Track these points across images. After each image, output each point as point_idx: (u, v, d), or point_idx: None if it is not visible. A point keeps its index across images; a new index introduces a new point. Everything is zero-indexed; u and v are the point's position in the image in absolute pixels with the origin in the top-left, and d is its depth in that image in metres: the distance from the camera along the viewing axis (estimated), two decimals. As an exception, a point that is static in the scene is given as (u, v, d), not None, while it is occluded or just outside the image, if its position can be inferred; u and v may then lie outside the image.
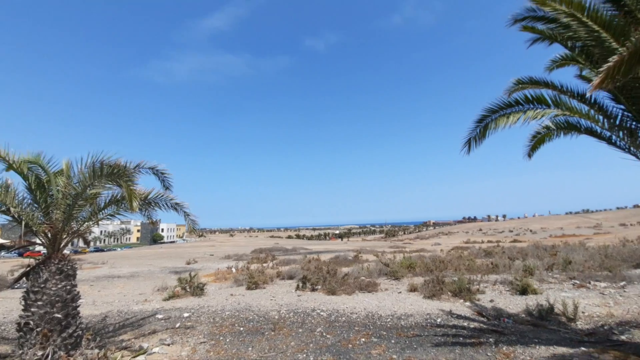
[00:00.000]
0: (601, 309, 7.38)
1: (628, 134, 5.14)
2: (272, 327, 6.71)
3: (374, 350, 5.31)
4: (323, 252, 29.75)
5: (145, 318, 8.05)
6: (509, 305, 7.97)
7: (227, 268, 17.82)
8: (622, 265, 11.89)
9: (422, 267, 13.72)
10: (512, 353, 4.96)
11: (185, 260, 26.71)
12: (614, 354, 4.70)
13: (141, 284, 14.34)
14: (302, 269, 14.44)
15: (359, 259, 21.62)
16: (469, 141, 6.09)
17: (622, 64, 3.28)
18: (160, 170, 5.66)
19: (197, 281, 11.21)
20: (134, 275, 17.53)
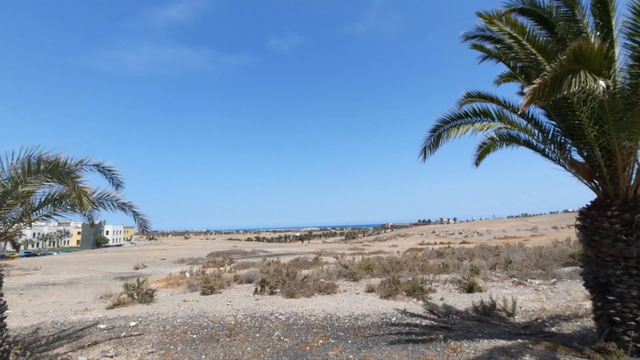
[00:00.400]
0: (535, 304, 8.18)
1: (558, 147, 5.79)
2: (227, 333, 6.52)
3: (331, 352, 5.39)
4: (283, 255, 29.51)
5: (85, 329, 7.40)
6: (458, 303, 8.54)
7: (180, 273, 16.98)
8: (553, 264, 13.30)
9: (379, 269, 14.18)
10: (459, 347, 5.32)
11: (133, 265, 24.95)
12: (545, 345, 5.25)
13: (81, 291, 13.13)
14: (261, 272, 14.20)
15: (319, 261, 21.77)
16: (424, 149, 6.48)
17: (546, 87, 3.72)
18: (107, 167, 5.25)
19: (146, 287, 10.54)
20: (72, 282, 15.99)
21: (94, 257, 41.27)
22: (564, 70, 3.62)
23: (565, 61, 3.60)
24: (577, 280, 10.38)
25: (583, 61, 3.60)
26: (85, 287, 14.44)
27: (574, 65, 3.60)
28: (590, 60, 3.66)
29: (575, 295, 8.83)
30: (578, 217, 5.49)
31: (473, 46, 6.25)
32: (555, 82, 3.64)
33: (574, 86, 3.61)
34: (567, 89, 3.64)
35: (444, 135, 6.04)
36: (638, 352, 4.34)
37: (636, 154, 4.96)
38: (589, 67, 3.65)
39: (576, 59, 3.59)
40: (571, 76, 3.63)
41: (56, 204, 5.24)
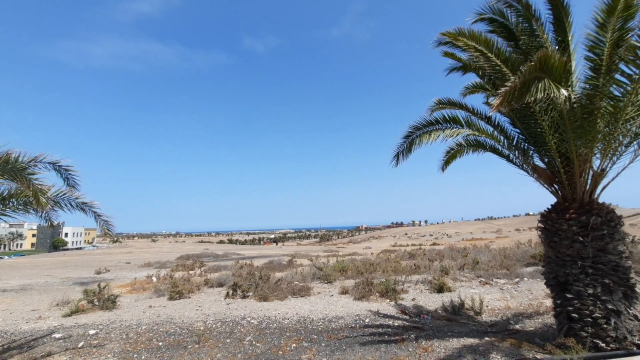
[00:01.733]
0: (501, 302, 8.56)
1: (522, 153, 6.11)
2: (196, 340, 6.27)
3: (305, 355, 5.32)
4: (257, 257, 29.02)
5: (38, 339, 6.84)
6: (428, 303, 8.76)
7: (146, 277, 16.20)
8: (516, 265, 14.02)
9: (353, 270, 14.29)
10: (430, 347, 5.44)
11: (94, 269, 23.50)
12: (510, 342, 5.48)
13: (34, 298, 12.16)
14: (234, 275, 13.85)
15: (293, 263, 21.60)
16: (397, 155, 6.62)
17: (515, 90, 3.91)
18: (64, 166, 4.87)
19: (109, 292, 9.94)
20: (25, 289, 14.78)
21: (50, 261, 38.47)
22: (531, 77, 3.82)
23: (532, 68, 3.80)
24: (538, 279, 10.99)
25: (547, 70, 3.82)
26: (39, 293, 13.39)
27: (539, 74, 3.81)
28: (552, 70, 3.89)
29: (536, 293, 9.33)
30: (540, 219, 5.81)
31: (444, 54, 6.46)
32: (523, 87, 3.83)
33: (539, 92, 3.82)
34: (534, 94, 3.84)
35: (417, 142, 6.20)
36: (595, 347, 4.63)
37: (591, 160, 5.33)
38: (551, 77, 3.88)
39: (541, 68, 3.80)
40: (537, 82, 3.84)
41: (6, 203, 4.79)
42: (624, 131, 5.05)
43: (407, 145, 6.37)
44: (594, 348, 4.64)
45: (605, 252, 4.91)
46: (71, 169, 4.94)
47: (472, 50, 5.11)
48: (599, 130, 4.86)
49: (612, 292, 4.78)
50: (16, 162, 3.98)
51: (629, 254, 5.03)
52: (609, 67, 4.77)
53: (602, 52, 4.78)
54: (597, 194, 5.44)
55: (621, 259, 4.90)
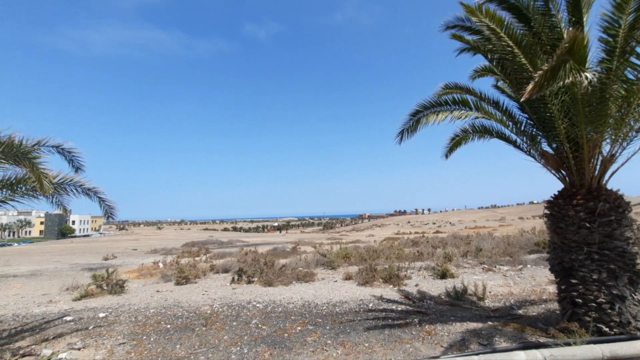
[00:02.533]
0: (504, 288, 8.61)
1: (530, 139, 6.02)
2: (203, 323, 6.40)
3: (309, 338, 5.41)
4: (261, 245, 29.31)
5: (50, 321, 7.01)
6: (431, 289, 8.84)
7: (153, 263, 16.45)
8: (520, 252, 14.04)
9: (357, 257, 14.40)
10: (433, 330, 5.51)
11: (102, 255, 23.90)
12: (513, 326, 5.53)
13: (45, 283, 12.43)
14: (238, 261, 14.02)
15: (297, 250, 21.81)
16: (402, 132, 6.52)
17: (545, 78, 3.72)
18: (67, 149, 4.87)
19: (117, 278, 10.12)
20: (35, 274, 15.10)
21: (59, 247, 39.19)
22: (560, 60, 3.63)
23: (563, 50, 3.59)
24: (541, 266, 11.01)
25: (573, 52, 3.63)
26: (49, 278, 13.68)
27: (567, 56, 3.62)
28: (577, 51, 3.71)
29: (540, 280, 9.36)
30: (546, 205, 5.77)
31: (452, 36, 6.29)
32: (554, 71, 3.64)
33: (567, 77, 3.65)
34: (562, 78, 3.67)
35: (423, 121, 6.10)
36: (599, 332, 4.66)
37: (601, 146, 5.24)
38: (575, 59, 3.71)
39: (569, 50, 3.59)
40: (565, 65, 3.65)
41: (13, 188, 4.83)
42: (635, 116, 4.94)
43: (413, 124, 6.27)
44: (597, 332, 4.67)
45: (612, 238, 4.88)
46: (75, 152, 4.95)
47: (485, 27, 4.95)
48: (610, 115, 4.76)
49: (617, 278, 4.77)
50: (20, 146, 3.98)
51: (635, 240, 4.99)
52: (623, 50, 4.63)
53: (617, 33, 4.62)
54: (606, 180, 5.37)
55: (628, 245, 4.87)
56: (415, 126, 6.27)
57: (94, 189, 5.34)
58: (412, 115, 6.27)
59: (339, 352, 4.82)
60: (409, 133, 6.45)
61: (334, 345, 5.06)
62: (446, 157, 8.00)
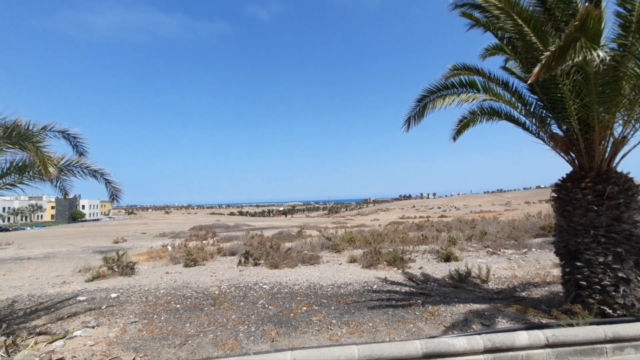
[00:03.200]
0: (508, 271, 8.65)
1: (539, 120, 5.88)
2: (212, 303, 6.57)
3: (315, 317, 5.54)
4: (267, 228, 29.67)
5: (64, 301, 7.26)
6: (435, 271, 8.92)
7: (162, 246, 16.79)
8: (525, 236, 14.02)
9: (361, 241, 14.52)
10: (436, 311, 5.59)
11: (112, 239, 24.44)
12: (516, 308, 5.58)
13: (58, 265, 12.79)
14: (245, 244, 14.25)
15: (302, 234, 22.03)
16: (408, 119, 6.41)
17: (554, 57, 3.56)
18: (72, 134, 4.90)
19: (127, 260, 10.37)
20: (48, 257, 15.54)
21: (70, 231, 40.13)
22: (570, 39, 3.46)
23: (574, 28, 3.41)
24: (546, 250, 11.00)
25: (584, 29, 3.47)
26: (62, 261, 14.08)
27: (578, 34, 3.45)
28: (589, 28, 3.54)
29: (544, 263, 9.38)
30: (554, 188, 5.69)
31: (462, 14, 6.06)
32: (563, 50, 3.49)
33: (577, 55, 3.50)
34: (572, 57, 3.52)
35: (430, 106, 5.99)
36: (602, 314, 4.68)
37: (613, 127, 5.11)
38: (587, 36, 3.55)
39: (581, 27, 3.42)
40: (575, 43, 3.49)
41: (21, 172, 4.89)
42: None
43: (420, 110, 6.16)
44: (601, 314, 4.69)
45: (619, 221, 4.83)
46: (79, 137, 4.98)
47: (493, 7, 4.76)
48: (624, 95, 4.60)
49: (623, 261, 4.75)
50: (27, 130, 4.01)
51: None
52: (639, 24, 4.42)
53: (634, 7, 4.41)
54: (616, 163, 5.26)
55: (636, 228, 4.82)
56: (422, 112, 6.15)
57: (100, 171, 5.40)
58: (418, 101, 6.15)
59: (344, 331, 4.93)
60: (415, 120, 6.35)
61: (339, 325, 5.17)
62: (454, 139, 7.88)
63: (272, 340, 4.68)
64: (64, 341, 4.90)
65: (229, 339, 4.77)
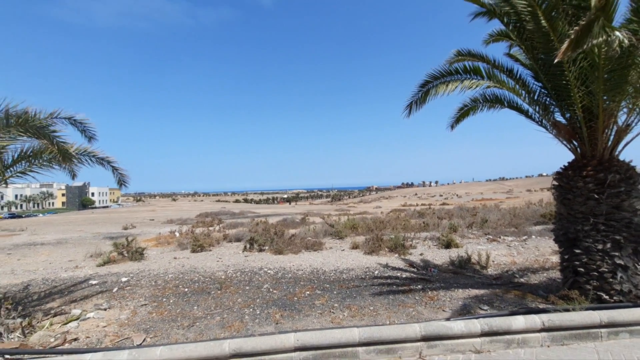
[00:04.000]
0: (507, 258, 8.69)
1: (543, 108, 5.78)
2: (218, 287, 6.70)
3: (317, 301, 5.64)
4: (271, 216, 29.90)
5: (77, 284, 7.45)
6: (436, 258, 8.98)
7: (169, 232, 17.02)
8: (525, 223, 14.00)
9: (364, 228, 14.60)
10: (436, 296, 5.66)
11: (121, 225, 24.80)
12: (515, 293, 5.64)
13: (70, 250, 13.07)
14: (250, 231, 14.40)
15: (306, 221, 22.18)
16: (410, 104, 6.33)
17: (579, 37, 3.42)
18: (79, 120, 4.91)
19: (136, 245, 10.56)
20: (61, 242, 15.87)
21: (81, 218, 40.77)
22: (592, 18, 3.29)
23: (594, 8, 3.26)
24: (546, 237, 11.00)
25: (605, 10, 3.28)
26: (74, 246, 14.36)
27: (599, 13, 3.29)
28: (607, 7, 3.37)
29: (543, 250, 9.40)
30: (555, 177, 5.65)
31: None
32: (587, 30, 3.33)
33: (599, 36, 3.33)
34: (596, 36, 3.35)
35: (433, 92, 5.90)
36: (599, 299, 4.71)
37: (617, 115, 5.01)
38: (607, 17, 3.38)
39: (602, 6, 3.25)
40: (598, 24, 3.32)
41: (31, 160, 4.94)
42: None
43: (422, 95, 6.07)
44: (597, 300, 4.72)
45: (619, 209, 4.80)
46: (86, 122, 5.00)
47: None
48: (630, 83, 4.49)
49: (622, 248, 4.74)
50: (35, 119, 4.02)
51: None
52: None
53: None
54: (619, 151, 5.19)
55: (635, 216, 4.79)
56: (424, 98, 6.06)
57: (107, 158, 5.45)
58: (421, 87, 6.05)
59: (345, 314, 5.02)
60: (417, 105, 6.26)
61: (341, 308, 5.27)
62: (452, 127, 7.77)
63: (277, 323, 4.79)
64: (78, 322, 5.06)
65: (235, 321, 4.89)
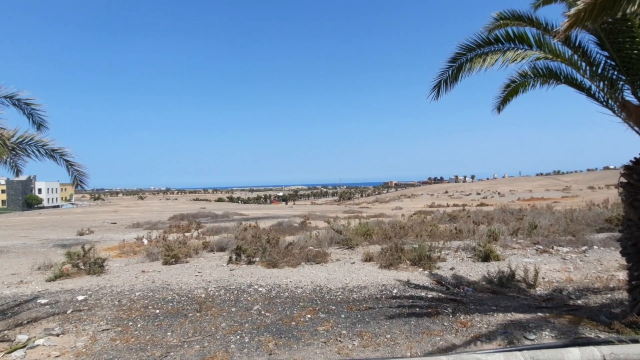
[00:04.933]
0: (561, 274, 8.71)
1: (609, 85, 5.75)
2: (197, 308, 6.81)
3: (321, 327, 5.72)
4: (263, 218, 30.09)
5: (22, 304, 7.60)
6: (470, 273, 9.03)
7: (136, 239, 17.23)
8: (585, 230, 13.97)
9: (379, 234, 14.67)
10: (469, 322, 5.71)
11: (76, 230, 25.14)
12: (569, 318, 5.67)
13: (13, 261, 13.31)
14: (236, 238, 14.55)
15: (306, 225, 22.33)
16: (438, 84, 6.32)
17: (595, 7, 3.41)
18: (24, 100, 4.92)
19: (95, 256, 10.72)
20: (1, 251, 16.15)
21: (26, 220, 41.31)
22: None
23: None
24: (611, 248, 10.98)
25: None
26: (18, 256, 14.63)
27: None
28: None
29: (607, 264, 9.40)
30: (622, 172, 5.63)
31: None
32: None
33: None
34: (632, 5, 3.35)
35: (466, 67, 5.89)
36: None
37: None
38: None
39: None
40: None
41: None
42: None
43: (453, 72, 6.05)
44: (674, 328, 4.73)
45: None
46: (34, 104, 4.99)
47: None
48: None
49: None
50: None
51: None
52: None
53: None
54: None
55: None
56: (456, 75, 6.04)
57: (60, 150, 5.48)
58: (451, 61, 6.03)
59: (356, 344, 5.09)
60: (447, 85, 6.25)
61: (350, 336, 5.34)
62: (498, 110, 7.77)
63: (270, 353, 4.88)
64: (24, 351, 5.18)
65: (219, 351, 4.98)
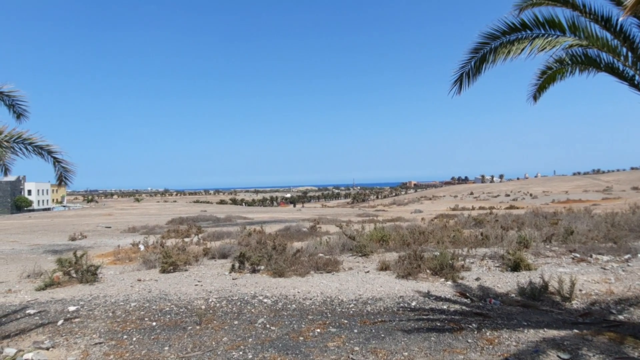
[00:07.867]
0: (601, 285, 8.55)
1: (655, 74, 5.63)
2: (197, 320, 6.87)
3: (332, 343, 5.71)
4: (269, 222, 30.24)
5: (10, 314, 7.77)
6: (498, 284, 8.93)
7: (132, 245, 17.48)
8: (629, 236, 13.71)
9: (397, 241, 14.61)
10: (496, 339, 5.64)
11: (68, 235, 25.61)
12: (609, 336, 5.56)
13: (1, 269, 13.63)
14: (240, 244, 14.66)
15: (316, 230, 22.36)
16: (460, 77, 6.28)
17: None
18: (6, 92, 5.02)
19: (88, 263, 10.90)
20: (-11, 257, 16.53)
21: (15, 224, 42.23)
22: None
23: None
24: (658, 256, 10.76)
25: None
26: (6, 262, 14.96)
27: None
28: None
29: (654, 275, 9.21)
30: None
31: None
32: None
33: None
34: None
35: (490, 58, 5.84)
36: None
37: None
38: None
39: None
40: None
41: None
42: None
43: (476, 64, 6.00)
44: None
45: None
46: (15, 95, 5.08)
47: None
48: None
49: None
50: None
51: None
52: None
53: None
54: None
55: None
56: (479, 67, 6.00)
57: (47, 147, 5.57)
58: (473, 52, 5.98)
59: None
60: (470, 78, 6.20)
61: (363, 353, 5.32)
62: (534, 98, 7.66)
63: (275, 371, 4.89)
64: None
65: (220, 368, 5.02)
